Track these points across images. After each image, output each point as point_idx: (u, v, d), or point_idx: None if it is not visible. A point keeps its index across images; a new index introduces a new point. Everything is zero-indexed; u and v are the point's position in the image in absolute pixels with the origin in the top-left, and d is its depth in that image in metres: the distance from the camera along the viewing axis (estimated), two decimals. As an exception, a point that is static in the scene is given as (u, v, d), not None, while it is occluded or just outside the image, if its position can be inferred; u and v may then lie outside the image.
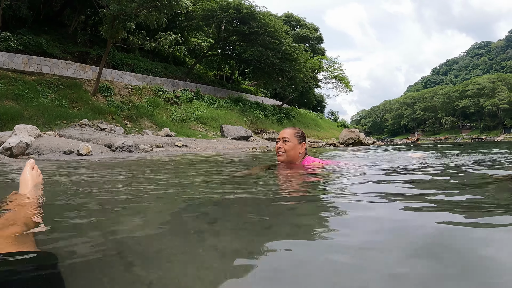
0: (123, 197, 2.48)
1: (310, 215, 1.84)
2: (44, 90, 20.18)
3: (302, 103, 66.62)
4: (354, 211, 1.85)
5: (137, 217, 1.87)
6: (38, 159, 9.46)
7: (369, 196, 2.20)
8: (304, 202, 2.20)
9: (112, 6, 18.38)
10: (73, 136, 14.89)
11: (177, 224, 1.74)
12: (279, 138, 4.02)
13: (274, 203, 2.14)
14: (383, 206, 1.92)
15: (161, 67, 33.07)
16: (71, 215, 1.94)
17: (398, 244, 1.30)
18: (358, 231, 1.49)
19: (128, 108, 23.28)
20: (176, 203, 2.26)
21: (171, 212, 2.03)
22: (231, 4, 32.49)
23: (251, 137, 25.19)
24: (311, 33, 65.37)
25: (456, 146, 16.84)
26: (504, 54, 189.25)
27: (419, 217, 1.69)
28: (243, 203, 2.16)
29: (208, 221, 1.72)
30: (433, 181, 2.98)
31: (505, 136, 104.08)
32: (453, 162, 5.10)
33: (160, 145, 14.81)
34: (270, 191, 2.54)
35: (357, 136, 24.69)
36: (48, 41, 23.77)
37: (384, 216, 1.73)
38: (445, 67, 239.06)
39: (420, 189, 2.57)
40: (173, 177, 3.96)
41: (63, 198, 2.45)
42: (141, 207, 2.15)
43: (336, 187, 2.68)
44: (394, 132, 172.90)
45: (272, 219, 1.74)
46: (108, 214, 1.94)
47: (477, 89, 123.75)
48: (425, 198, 2.13)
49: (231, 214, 1.89)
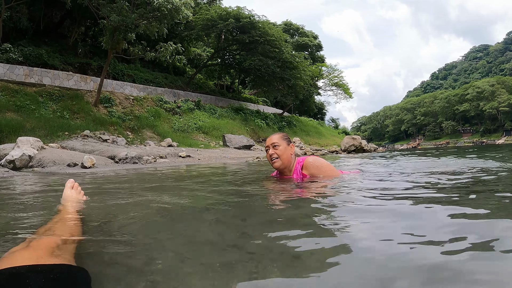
0: (161, 218, 2.33)
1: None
2: (46, 101, 20.07)
3: (302, 111, 66.71)
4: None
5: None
6: (42, 172, 9.33)
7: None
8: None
9: (112, 17, 18.32)
10: (76, 148, 14.75)
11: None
12: (268, 146, 3.98)
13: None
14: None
15: (162, 77, 33.08)
16: (108, 230, 1.97)
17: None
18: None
19: (130, 119, 23.17)
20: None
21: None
22: (230, 14, 32.57)
23: (253, 146, 25.06)
24: (310, 40, 65.64)
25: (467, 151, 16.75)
26: (502, 57, 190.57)
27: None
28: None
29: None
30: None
31: (506, 138, 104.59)
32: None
33: (163, 156, 14.67)
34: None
35: (359, 143, 24.59)
36: (49, 53, 23.74)
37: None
38: (444, 71, 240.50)
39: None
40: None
41: (97, 214, 2.38)
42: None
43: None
44: (394, 137, 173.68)
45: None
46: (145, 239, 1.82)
47: (476, 93, 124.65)
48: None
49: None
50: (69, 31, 29.53)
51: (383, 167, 6.24)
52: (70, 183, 2.60)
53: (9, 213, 2.51)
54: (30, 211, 2.54)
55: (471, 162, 6.46)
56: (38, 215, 2.39)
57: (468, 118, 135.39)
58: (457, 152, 14.58)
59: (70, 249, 1.46)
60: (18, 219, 2.24)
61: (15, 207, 2.84)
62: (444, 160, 7.48)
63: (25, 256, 1.25)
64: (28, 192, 4.22)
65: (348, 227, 1.80)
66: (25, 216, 2.35)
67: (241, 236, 1.73)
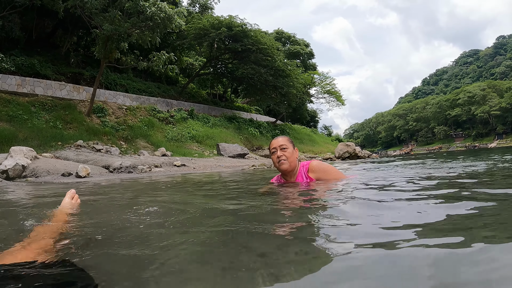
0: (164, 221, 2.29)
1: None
2: (38, 111, 19.97)
3: (295, 119, 66.78)
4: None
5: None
6: (36, 182, 9.24)
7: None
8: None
9: (105, 26, 18.30)
10: (69, 158, 14.64)
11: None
12: (275, 148, 3.92)
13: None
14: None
15: (154, 87, 33.04)
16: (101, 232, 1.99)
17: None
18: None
19: (123, 129, 23.08)
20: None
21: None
22: (222, 22, 32.61)
23: (247, 155, 25.03)
24: (302, 49, 65.92)
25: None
26: (493, 61, 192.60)
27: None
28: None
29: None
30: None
31: (498, 142, 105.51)
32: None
33: (158, 165, 14.59)
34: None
35: (353, 149, 24.67)
36: (41, 62, 23.67)
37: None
38: (435, 77, 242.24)
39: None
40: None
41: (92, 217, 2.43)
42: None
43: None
44: (387, 144, 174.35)
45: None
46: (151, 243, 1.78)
47: (468, 97, 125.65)
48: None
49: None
50: (61, 41, 29.45)
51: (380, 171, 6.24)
52: (71, 193, 2.60)
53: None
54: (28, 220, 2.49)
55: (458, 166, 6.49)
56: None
57: (460, 122, 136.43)
58: (452, 157, 14.60)
59: (64, 249, 1.55)
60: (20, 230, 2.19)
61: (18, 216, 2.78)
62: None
63: (22, 256, 1.32)
64: (24, 201, 4.16)
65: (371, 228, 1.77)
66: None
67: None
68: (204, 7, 39.06)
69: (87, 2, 17.69)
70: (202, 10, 38.75)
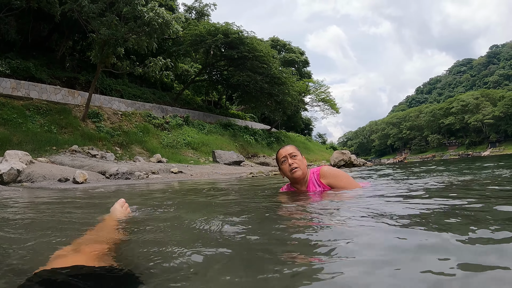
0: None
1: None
2: (33, 115, 19.72)
3: (289, 126, 66.80)
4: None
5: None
6: (32, 187, 9.06)
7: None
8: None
9: (102, 31, 18.18)
10: (64, 163, 14.44)
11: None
12: (285, 156, 3.80)
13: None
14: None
15: (150, 93, 32.90)
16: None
17: None
18: None
19: (118, 134, 22.87)
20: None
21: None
22: (219, 29, 32.58)
23: (243, 162, 24.91)
24: (297, 56, 66.15)
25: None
26: (486, 70, 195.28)
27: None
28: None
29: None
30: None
31: (491, 150, 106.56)
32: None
33: (156, 172, 14.43)
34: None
35: (348, 157, 24.56)
36: (36, 66, 23.48)
37: None
38: (428, 85, 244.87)
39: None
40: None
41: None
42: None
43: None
44: (381, 152, 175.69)
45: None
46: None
47: (461, 106, 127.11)
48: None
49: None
50: (57, 45, 29.27)
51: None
52: (121, 202, 2.64)
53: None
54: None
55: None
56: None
57: (453, 131, 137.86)
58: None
59: (113, 255, 1.54)
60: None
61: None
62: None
63: (74, 259, 1.32)
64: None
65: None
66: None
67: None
68: (200, 14, 39.02)
69: (85, 6, 17.57)
70: (198, 16, 38.71)
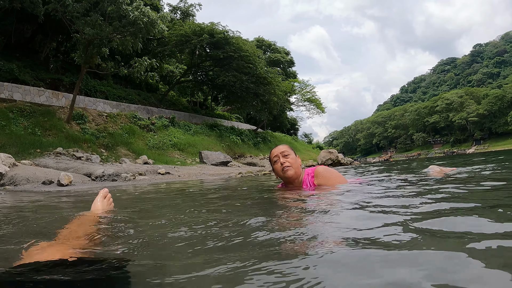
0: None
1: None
2: (16, 117, 19.41)
3: (275, 126, 66.78)
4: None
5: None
6: (15, 190, 8.87)
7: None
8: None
9: (87, 30, 17.95)
10: (49, 166, 14.22)
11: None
12: (277, 156, 3.78)
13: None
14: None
15: (135, 94, 32.66)
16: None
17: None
18: None
19: (104, 136, 22.62)
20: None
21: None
22: (204, 29, 32.48)
23: (230, 162, 24.80)
24: (282, 56, 66.21)
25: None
26: (469, 69, 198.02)
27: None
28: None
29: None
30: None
31: (476, 148, 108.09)
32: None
33: (143, 173, 14.28)
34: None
35: (335, 156, 24.61)
36: (20, 68, 23.18)
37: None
38: (413, 84, 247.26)
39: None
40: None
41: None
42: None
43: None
44: (366, 151, 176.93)
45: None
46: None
47: (445, 104, 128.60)
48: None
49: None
50: (41, 46, 28.97)
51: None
52: (104, 192, 2.59)
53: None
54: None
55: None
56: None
57: (438, 129, 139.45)
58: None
59: (91, 250, 1.54)
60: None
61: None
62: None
63: (60, 250, 1.35)
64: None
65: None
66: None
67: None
68: (185, 14, 38.81)
69: (69, 6, 17.33)
70: (183, 17, 38.50)
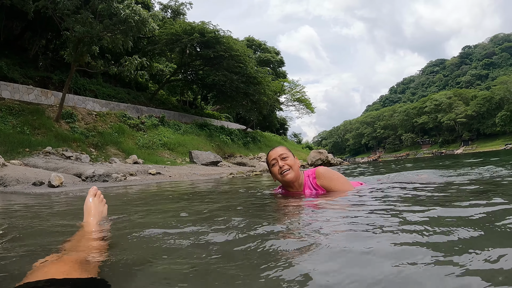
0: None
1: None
2: (5, 116, 19.14)
3: (264, 126, 66.80)
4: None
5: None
6: (5, 192, 8.78)
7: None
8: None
9: (77, 28, 17.80)
10: (38, 165, 14.07)
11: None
12: (275, 159, 3.68)
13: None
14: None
15: (124, 93, 32.42)
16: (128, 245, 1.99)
17: None
18: None
19: (93, 135, 22.43)
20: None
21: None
22: (195, 28, 32.36)
23: (220, 162, 24.77)
24: (272, 56, 66.29)
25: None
26: (458, 71, 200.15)
27: None
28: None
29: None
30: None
31: (464, 148, 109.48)
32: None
33: (133, 173, 14.20)
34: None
35: (325, 157, 24.75)
36: (9, 65, 22.85)
37: None
38: (402, 85, 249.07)
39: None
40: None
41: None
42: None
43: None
44: (355, 151, 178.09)
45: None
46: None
47: (434, 105, 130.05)
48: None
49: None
50: (30, 44, 28.62)
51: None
52: (93, 190, 2.55)
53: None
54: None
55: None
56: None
57: (426, 130, 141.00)
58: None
59: (95, 263, 1.53)
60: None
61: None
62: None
63: (57, 269, 1.34)
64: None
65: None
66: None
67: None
68: (176, 13, 38.59)
69: (59, 3, 17.17)
70: (174, 15, 38.29)
